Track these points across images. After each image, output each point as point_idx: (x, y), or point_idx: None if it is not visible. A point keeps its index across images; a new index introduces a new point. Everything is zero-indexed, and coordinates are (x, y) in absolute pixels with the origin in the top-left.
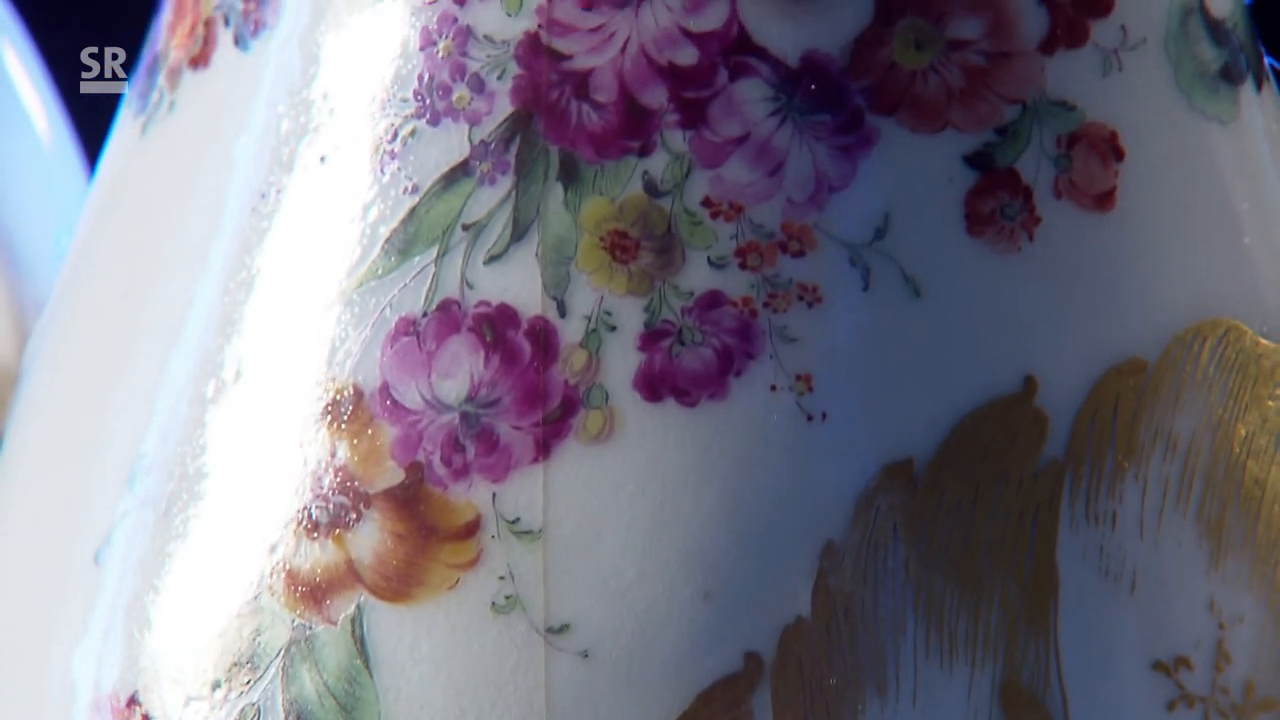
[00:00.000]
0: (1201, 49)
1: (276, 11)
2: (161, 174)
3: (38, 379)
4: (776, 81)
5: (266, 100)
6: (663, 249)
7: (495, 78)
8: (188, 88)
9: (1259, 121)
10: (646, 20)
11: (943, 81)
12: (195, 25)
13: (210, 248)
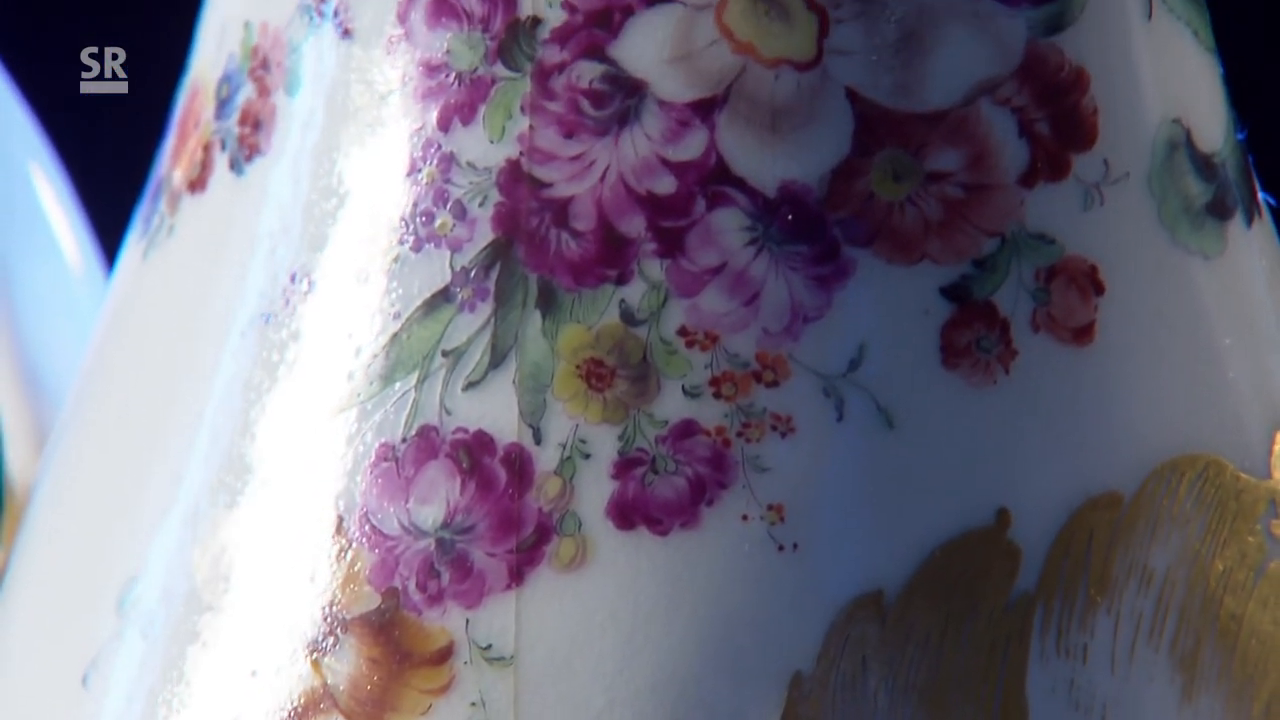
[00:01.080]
0: (1187, 184)
1: (269, 137)
2: (160, 298)
3: (41, 500)
4: (754, 211)
5: (258, 225)
6: (638, 377)
7: (477, 204)
8: (186, 211)
9: (1248, 256)
10: (626, 149)
11: (920, 213)
12: (194, 149)
13: (199, 374)
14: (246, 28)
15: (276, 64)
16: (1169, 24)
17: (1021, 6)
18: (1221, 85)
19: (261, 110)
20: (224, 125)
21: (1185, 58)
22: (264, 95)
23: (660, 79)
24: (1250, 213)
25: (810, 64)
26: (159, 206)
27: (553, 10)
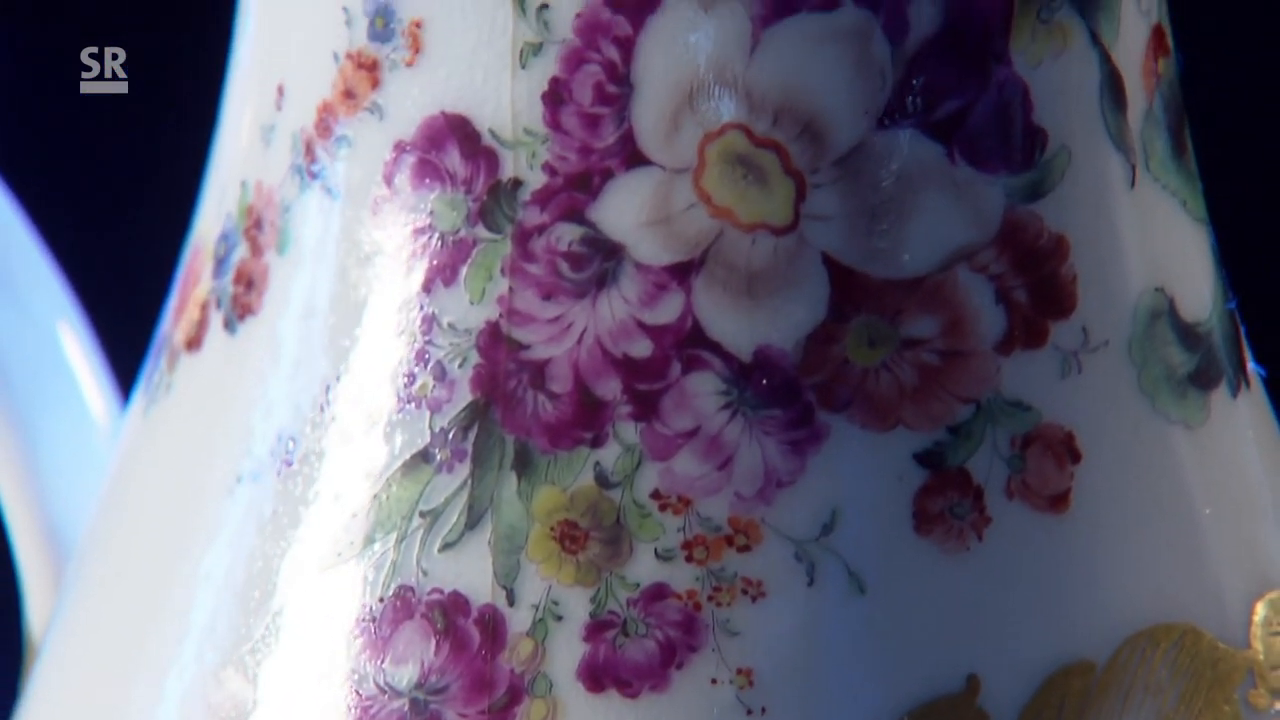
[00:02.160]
0: (1170, 353)
1: (261, 296)
2: (157, 456)
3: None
4: (729, 376)
5: (249, 385)
6: (611, 540)
7: (457, 365)
8: (183, 370)
9: (1232, 426)
10: (603, 311)
11: (895, 379)
12: (193, 308)
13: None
14: (243, 187)
15: (270, 223)
16: (1154, 193)
17: (1000, 174)
18: (1212, 254)
19: (254, 270)
20: (220, 284)
21: (1170, 227)
22: (257, 255)
23: (638, 242)
24: (1237, 383)
25: (787, 229)
26: (160, 364)
27: (533, 172)
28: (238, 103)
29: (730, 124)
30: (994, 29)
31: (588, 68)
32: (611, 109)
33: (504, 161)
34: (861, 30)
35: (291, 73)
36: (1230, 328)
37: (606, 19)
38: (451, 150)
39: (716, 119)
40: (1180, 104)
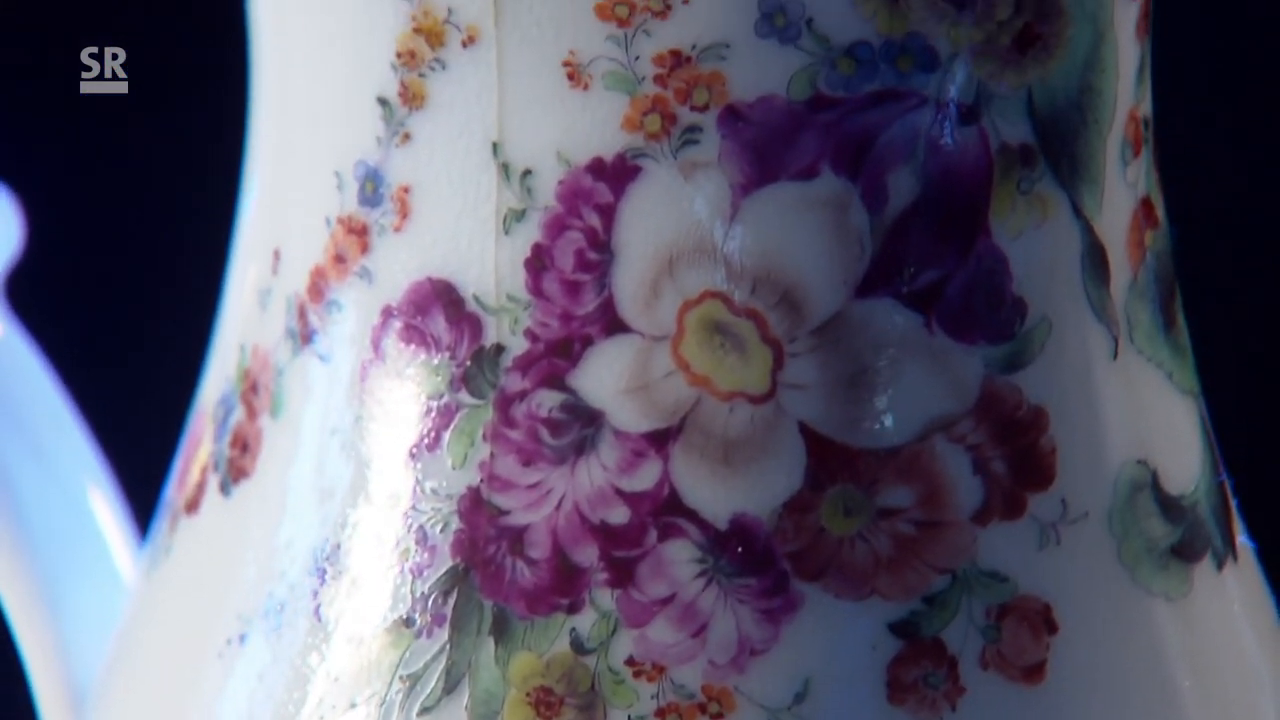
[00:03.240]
0: (1151, 525)
1: (254, 459)
2: (156, 619)
3: None
4: (704, 543)
5: (240, 549)
6: (586, 706)
7: (438, 530)
8: (181, 532)
9: (1216, 599)
10: (582, 478)
11: (871, 549)
12: (193, 471)
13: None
14: (241, 350)
15: (264, 387)
16: (1138, 365)
17: (979, 344)
18: (1200, 426)
19: (249, 433)
20: (219, 448)
21: (1155, 399)
22: (252, 418)
23: (617, 409)
24: (1224, 556)
25: (764, 397)
26: (163, 526)
27: (516, 338)
28: (241, 266)
29: (709, 292)
30: (973, 199)
31: (569, 234)
32: (592, 276)
33: (487, 327)
34: (840, 199)
35: (287, 237)
36: (1219, 500)
37: (588, 186)
38: (437, 316)
39: (695, 287)
40: (1171, 276)
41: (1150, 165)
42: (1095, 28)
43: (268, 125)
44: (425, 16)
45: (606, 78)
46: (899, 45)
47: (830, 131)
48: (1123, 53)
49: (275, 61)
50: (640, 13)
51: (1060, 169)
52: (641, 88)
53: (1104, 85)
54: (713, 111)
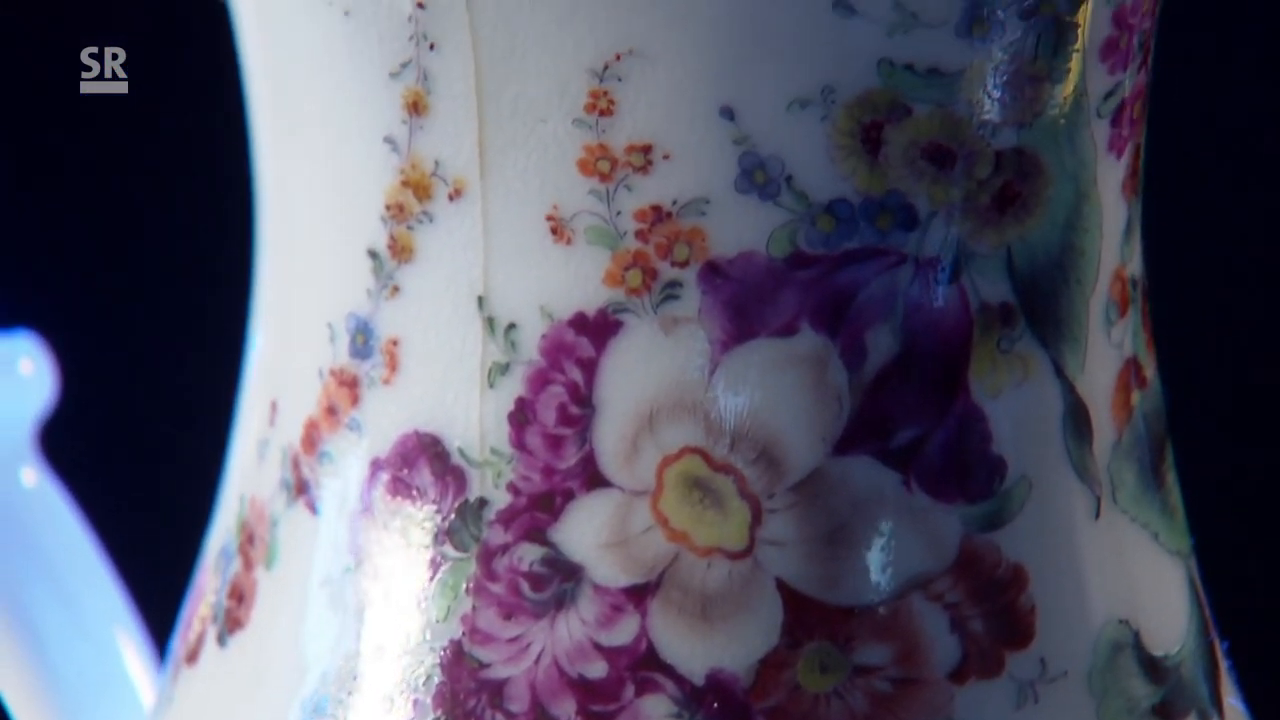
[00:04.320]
0: (1132, 685)
1: (249, 610)
2: None
3: None
4: (681, 699)
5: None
6: None
7: (421, 683)
8: (181, 683)
9: None
10: (561, 632)
11: (847, 706)
12: (195, 622)
13: None
14: (241, 501)
15: (260, 538)
16: (1121, 525)
17: (957, 503)
18: (1188, 586)
19: (245, 584)
20: (218, 599)
21: (1139, 558)
22: (248, 569)
23: (597, 563)
24: (1209, 717)
25: (742, 553)
26: (167, 676)
27: (499, 492)
28: (244, 419)
29: (688, 447)
30: (953, 358)
31: (552, 388)
32: (574, 430)
33: (471, 481)
34: (819, 356)
35: (284, 389)
36: (1208, 661)
37: (570, 340)
38: (423, 469)
39: (675, 442)
40: (1163, 435)
41: (1139, 326)
42: (1077, 187)
43: (270, 276)
44: (413, 169)
45: (589, 232)
46: (878, 203)
47: (810, 288)
48: (1107, 212)
49: (278, 213)
50: (622, 168)
51: (1041, 328)
52: (623, 243)
53: (1087, 245)
54: (693, 267)
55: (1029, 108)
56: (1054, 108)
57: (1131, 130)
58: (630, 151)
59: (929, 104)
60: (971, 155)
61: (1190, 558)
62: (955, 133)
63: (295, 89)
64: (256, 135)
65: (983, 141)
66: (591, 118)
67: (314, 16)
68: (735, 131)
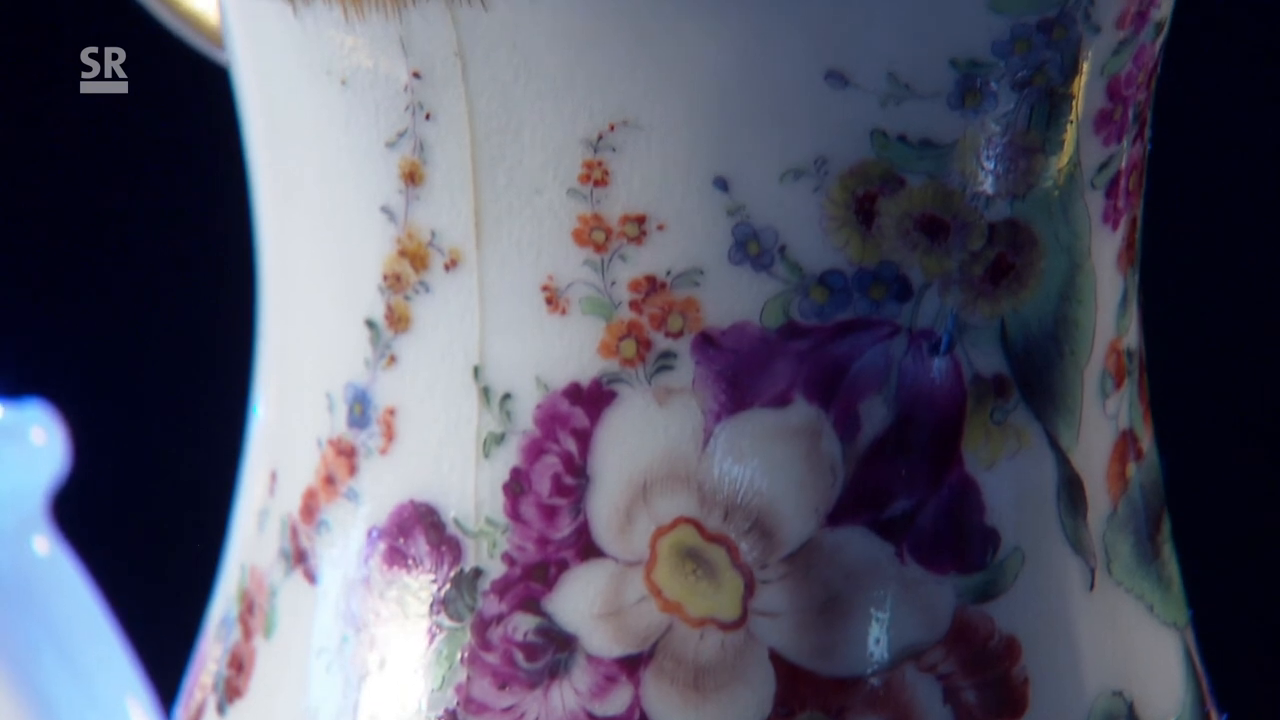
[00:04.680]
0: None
1: (248, 680)
2: None
3: None
4: None
5: None
6: None
7: None
8: None
9: None
10: (555, 702)
11: None
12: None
13: None
14: (242, 570)
15: (259, 607)
16: (1116, 596)
17: (950, 574)
18: (1184, 658)
19: (244, 653)
20: (218, 669)
21: (1134, 630)
22: (248, 638)
23: (590, 634)
24: None
25: (735, 624)
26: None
27: (493, 562)
28: (245, 489)
29: (682, 518)
30: (946, 429)
31: (547, 459)
32: (568, 501)
33: (466, 551)
34: (812, 427)
35: (284, 459)
36: None
37: (565, 410)
38: (419, 539)
39: (669, 513)
40: (1159, 507)
41: (1135, 398)
42: (1071, 259)
43: (271, 345)
44: (410, 239)
45: (584, 302)
46: (871, 274)
47: (803, 360)
48: (1102, 284)
49: (278, 281)
50: (616, 238)
51: (1035, 400)
52: (618, 313)
53: (1081, 317)
54: (687, 338)
55: (1022, 179)
56: (1048, 179)
57: (1127, 202)
58: (625, 222)
59: (922, 175)
60: (965, 227)
61: (1187, 629)
62: (948, 204)
63: (294, 155)
64: (257, 202)
65: (976, 213)
66: (586, 188)
67: (312, 84)
68: (729, 202)
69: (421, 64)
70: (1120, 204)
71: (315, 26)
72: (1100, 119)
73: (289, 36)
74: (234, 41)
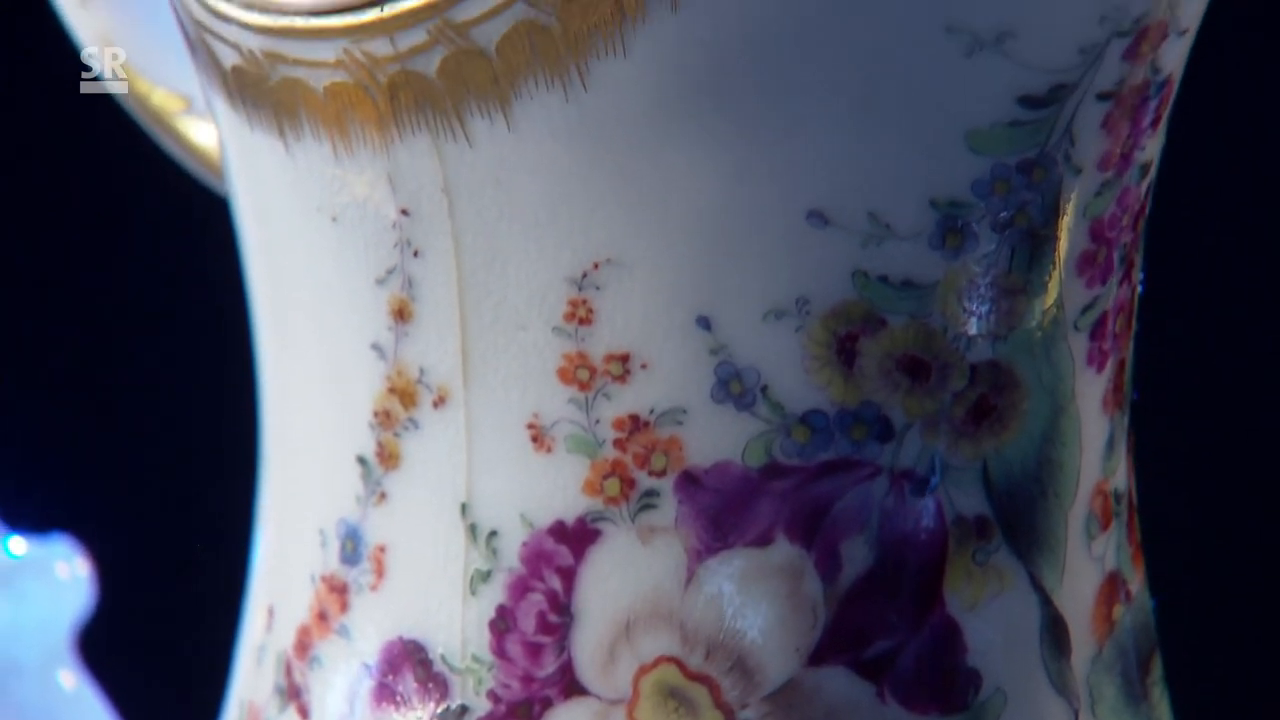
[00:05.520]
0: None
1: None
2: None
3: None
4: None
5: None
6: None
7: None
8: None
9: None
10: None
11: None
12: None
13: None
14: (241, 706)
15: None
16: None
17: (931, 714)
18: None
19: None
20: None
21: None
22: None
23: None
24: None
25: None
26: None
27: (479, 699)
28: (246, 625)
29: (664, 657)
30: (928, 570)
31: (532, 596)
32: (553, 638)
33: (453, 688)
34: (794, 567)
35: (280, 595)
36: None
37: (550, 549)
38: (407, 675)
39: (651, 651)
40: (1149, 648)
41: (1123, 539)
42: (1054, 400)
43: (270, 481)
44: (399, 376)
45: (568, 440)
46: (853, 414)
47: (785, 499)
48: (1087, 426)
49: (278, 418)
50: (600, 376)
51: (1018, 541)
52: (602, 451)
53: (1065, 458)
54: (670, 476)
55: (1004, 320)
56: (1030, 321)
57: (1113, 344)
58: (609, 360)
59: (904, 316)
60: (946, 368)
61: None
62: (930, 345)
63: (290, 290)
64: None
65: (958, 354)
66: (571, 326)
67: (305, 221)
68: (712, 341)
69: (409, 201)
70: (1106, 346)
71: (306, 162)
72: (1084, 261)
73: (283, 173)
74: (233, 176)
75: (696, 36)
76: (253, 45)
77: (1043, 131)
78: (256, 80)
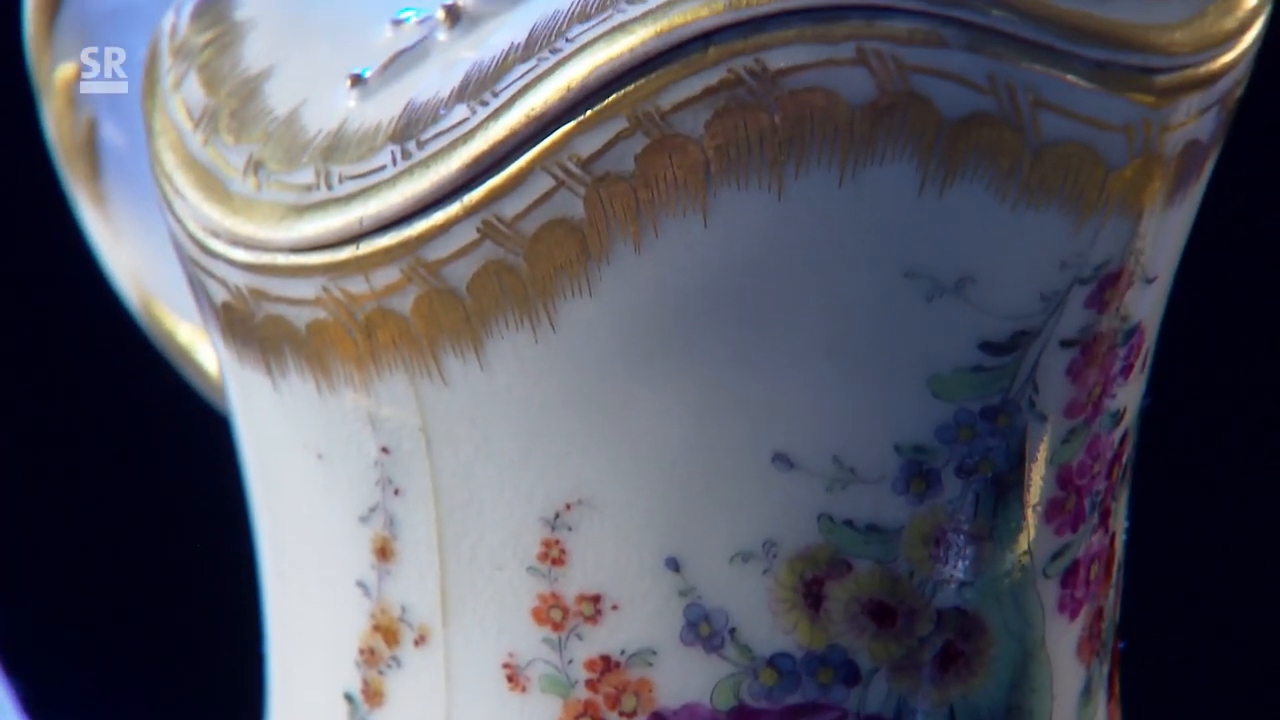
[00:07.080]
0: None
1: None
2: None
3: None
4: None
5: None
6: None
7: None
8: None
9: None
10: None
11: None
12: None
13: None
14: None
15: None
16: None
17: None
18: None
19: None
20: None
21: None
22: None
23: None
24: None
25: None
26: None
27: None
28: None
29: None
30: None
31: None
32: None
33: None
34: None
35: None
36: None
37: None
38: None
39: None
40: None
41: None
42: (1023, 647)
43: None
44: (382, 614)
45: (543, 680)
46: (819, 657)
47: None
48: (1060, 674)
49: (280, 656)
50: (573, 617)
51: None
52: (574, 692)
53: (1035, 705)
54: (640, 718)
55: (971, 567)
56: (997, 567)
57: (1088, 591)
58: (581, 601)
59: (869, 560)
60: (912, 613)
61: None
62: (895, 590)
63: (284, 519)
64: (261, 561)
65: (923, 600)
66: (544, 566)
67: (293, 455)
68: (681, 583)
69: (389, 439)
70: (1079, 594)
71: (293, 399)
72: (1052, 508)
73: (273, 408)
74: (232, 407)
75: (660, 279)
76: (239, 282)
77: (1005, 377)
78: (244, 317)
